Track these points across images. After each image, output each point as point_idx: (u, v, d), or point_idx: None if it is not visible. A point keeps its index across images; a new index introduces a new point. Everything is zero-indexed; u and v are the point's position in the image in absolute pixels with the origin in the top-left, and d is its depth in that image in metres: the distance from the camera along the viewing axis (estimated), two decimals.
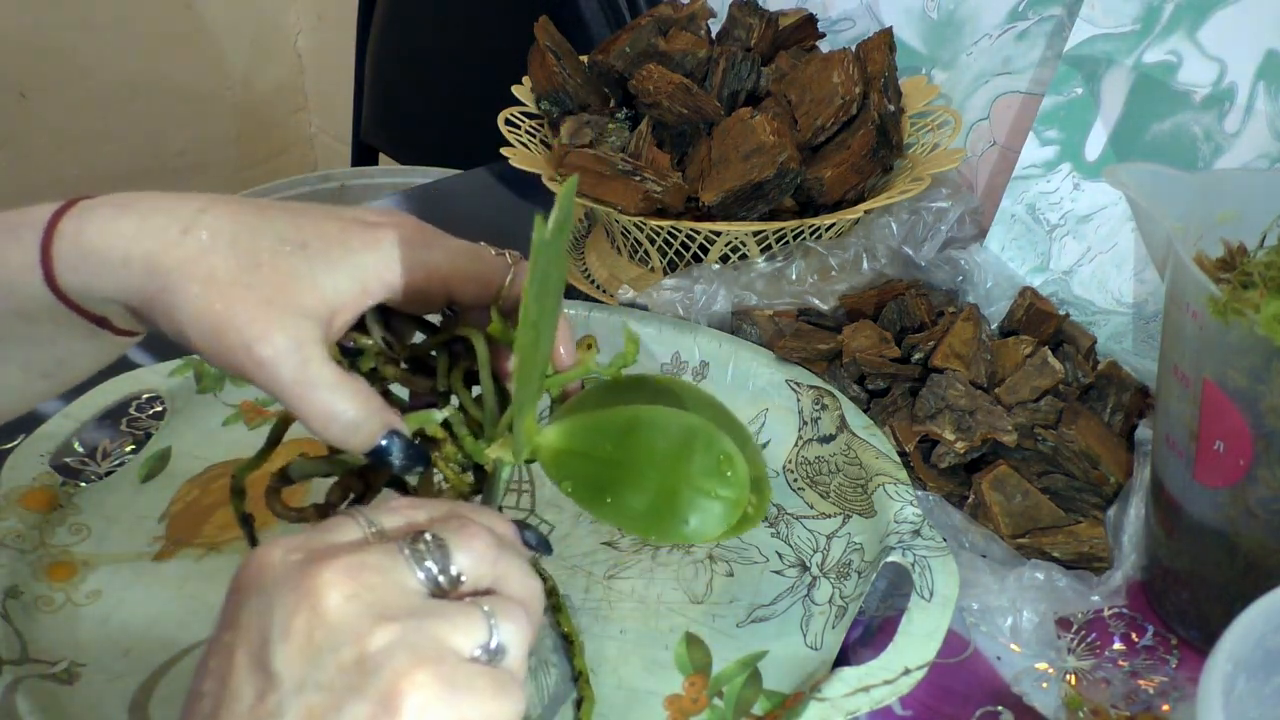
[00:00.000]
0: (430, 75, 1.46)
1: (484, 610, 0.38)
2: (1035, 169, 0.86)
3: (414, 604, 0.37)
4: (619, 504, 0.45)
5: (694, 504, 0.44)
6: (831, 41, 1.00)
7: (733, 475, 0.44)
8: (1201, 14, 0.79)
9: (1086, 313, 0.84)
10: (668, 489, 0.44)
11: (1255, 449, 0.56)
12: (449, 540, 0.39)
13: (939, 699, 0.60)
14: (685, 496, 0.44)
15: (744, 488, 0.44)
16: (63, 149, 1.81)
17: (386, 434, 0.46)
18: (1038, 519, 0.67)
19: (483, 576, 0.40)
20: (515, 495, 0.70)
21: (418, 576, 0.38)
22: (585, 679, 0.58)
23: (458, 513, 0.42)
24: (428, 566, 0.38)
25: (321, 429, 0.45)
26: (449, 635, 0.37)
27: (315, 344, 0.45)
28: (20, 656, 0.57)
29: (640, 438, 0.45)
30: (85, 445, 0.71)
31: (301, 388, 0.44)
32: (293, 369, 0.44)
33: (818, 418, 0.72)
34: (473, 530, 0.40)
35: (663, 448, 0.45)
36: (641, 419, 0.46)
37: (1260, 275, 0.55)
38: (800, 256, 0.83)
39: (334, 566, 0.37)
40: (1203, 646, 0.62)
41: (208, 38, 1.93)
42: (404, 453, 0.47)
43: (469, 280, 0.49)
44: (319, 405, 0.45)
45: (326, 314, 0.45)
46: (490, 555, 0.40)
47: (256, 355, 0.44)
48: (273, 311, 0.44)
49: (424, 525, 0.40)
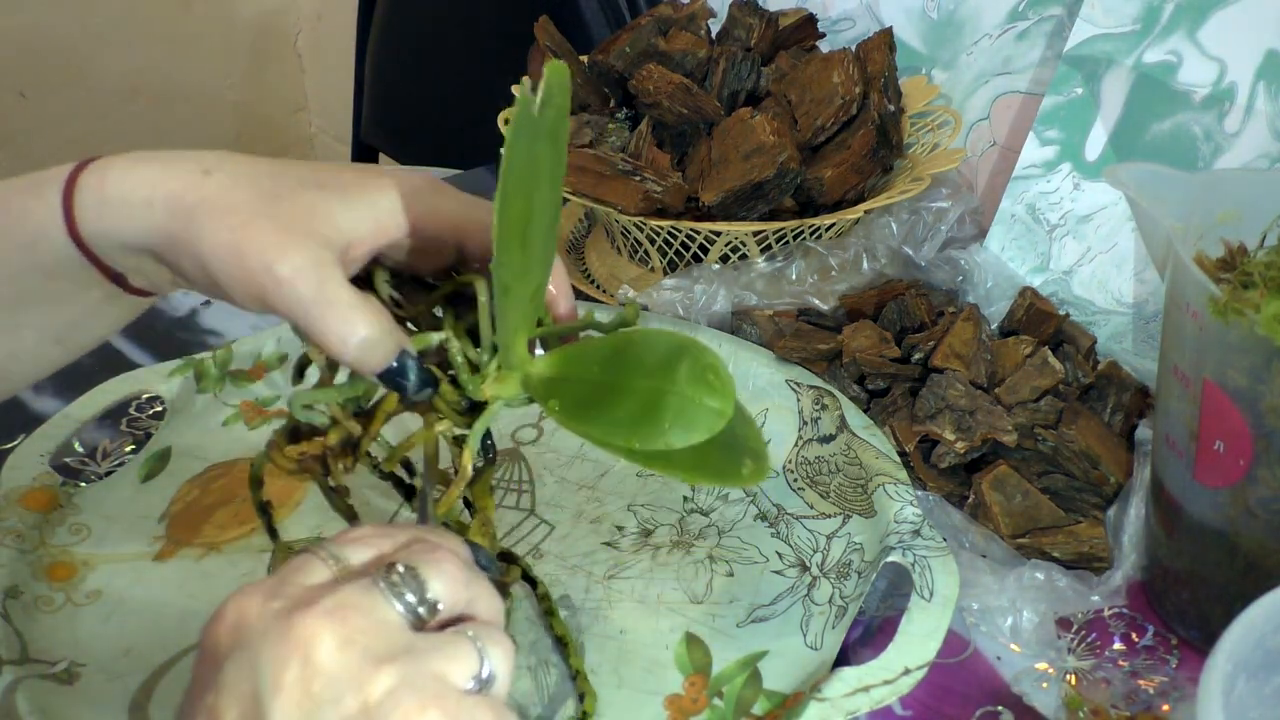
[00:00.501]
0: (430, 75, 1.46)
1: (470, 637, 0.38)
2: (1035, 169, 0.86)
3: (404, 641, 0.37)
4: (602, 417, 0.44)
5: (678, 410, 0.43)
6: (831, 41, 1.00)
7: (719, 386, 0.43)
8: (1201, 14, 0.79)
9: (1086, 313, 0.84)
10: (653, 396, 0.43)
11: (1255, 449, 0.56)
12: (421, 569, 0.39)
13: (939, 699, 0.60)
14: (670, 403, 0.43)
15: (730, 399, 0.43)
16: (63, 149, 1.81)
17: (400, 354, 0.47)
18: (1038, 519, 0.67)
19: (458, 601, 0.39)
20: (515, 495, 0.70)
21: (397, 609, 0.38)
22: (583, 677, 0.58)
23: (421, 538, 0.41)
24: (406, 598, 0.38)
25: (339, 345, 0.46)
26: (445, 669, 0.37)
27: (333, 266, 0.45)
28: (20, 656, 0.57)
29: (627, 355, 0.45)
30: (85, 445, 0.71)
31: (320, 305, 0.45)
32: (312, 286, 0.45)
33: (818, 418, 0.72)
34: (441, 555, 0.40)
35: (650, 361, 0.44)
36: (630, 339, 0.46)
37: (1260, 275, 0.55)
38: (800, 256, 0.83)
39: (318, 612, 0.36)
40: (1203, 646, 0.62)
41: (208, 38, 1.93)
42: (417, 373, 0.47)
43: (480, 228, 0.50)
44: (337, 322, 0.45)
45: (342, 244, 0.46)
46: (462, 578, 0.40)
47: (276, 274, 0.44)
48: (292, 235, 0.45)
49: (392, 556, 0.40)
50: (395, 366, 0.47)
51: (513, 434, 0.74)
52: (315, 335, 0.46)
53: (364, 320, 0.45)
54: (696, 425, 0.43)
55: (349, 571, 0.39)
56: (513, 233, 0.43)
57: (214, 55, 1.95)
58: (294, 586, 0.38)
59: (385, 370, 0.47)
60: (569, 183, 0.83)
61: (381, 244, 0.48)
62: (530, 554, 0.66)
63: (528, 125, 0.42)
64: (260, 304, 0.46)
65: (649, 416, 0.43)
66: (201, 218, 0.45)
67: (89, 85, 1.81)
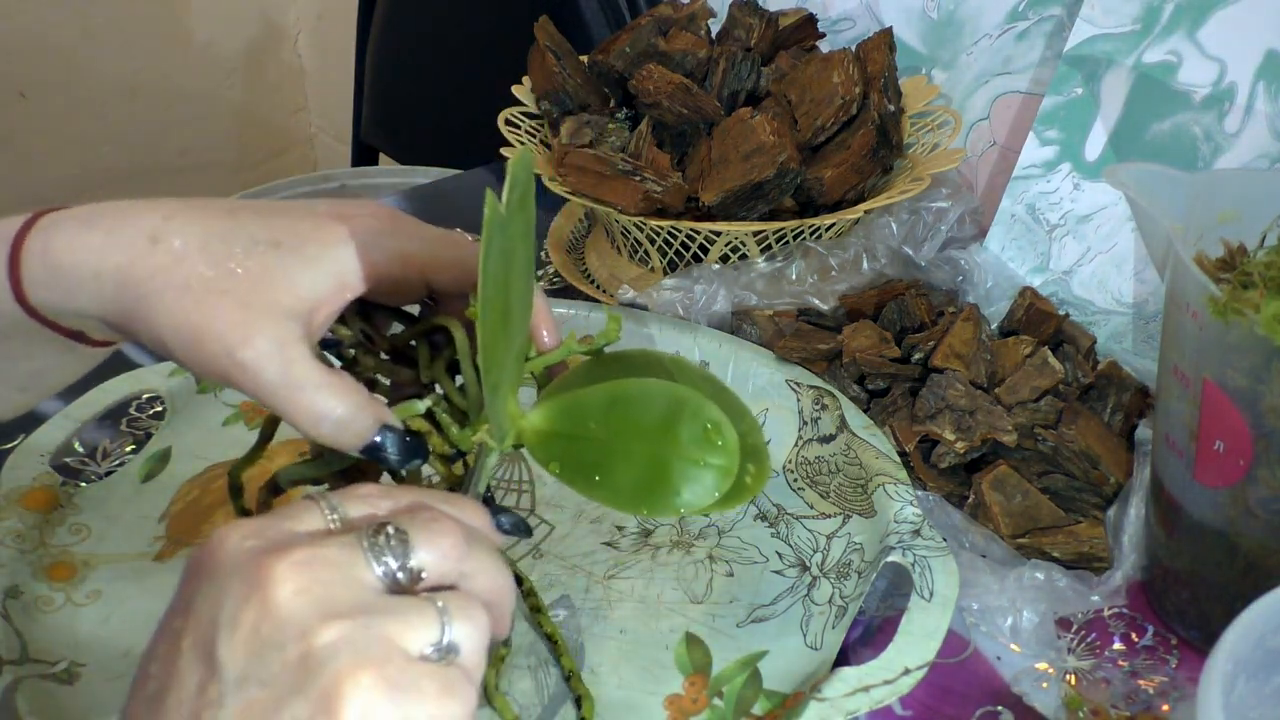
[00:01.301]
0: (430, 75, 1.46)
1: (438, 606, 0.37)
2: (1035, 169, 0.86)
3: (365, 600, 0.36)
4: (608, 482, 0.44)
5: (684, 474, 0.43)
6: (831, 41, 1.00)
7: (722, 443, 0.43)
8: (1201, 14, 0.79)
9: (1086, 313, 0.84)
10: (657, 462, 0.43)
11: (1255, 449, 0.56)
12: (411, 534, 0.38)
13: (939, 699, 0.60)
14: (675, 468, 0.43)
15: (734, 454, 0.43)
16: (63, 149, 1.81)
17: (379, 429, 0.46)
18: (1038, 519, 0.67)
19: (447, 573, 0.38)
20: (515, 495, 0.70)
21: (375, 571, 0.37)
22: (576, 677, 0.58)
23: (425, 504, 0.40)
24: (386, 561, 0.37)
25: (311, 429, 0.45)
26: (398, 633, 0.36)
27: (298, 343, 0.44)
28: (20, 656, 0.57)
29: (625, 412, 0.44)
30: (85, 445, 0.71)
31: (288, 390, 0.44)
32: (277, 371, 0.43)
33: (818, 418, 0.72)
34: (441, 526, 0.38)
35: (648, 420, 0.44)
36: (625, 393, 0.45)
37: (1260, 275, 0.55)
38: (800, 256, 0.83)
39: (288, 559, 0.35)
40: (1203, 646, 0.62)
41: (208, 38, 1.93)
42: (399, 446, 0.46)
43: (447, 266, 0.48)
44: (307, 406, 0.44)
45: (306, 312, 0.45)
46: (456, 552, 0.38)
47: (239, 360, 0.43)
48: (252, 314, 0.43)
49: (386, 517, 0.38)
50: (377, 441, 0.46)
51: None
52: (285, 418, 0.45)
53: (335, 401, 0.44)
54: (705, 488, 0.43)
55: (344, 525, 0.38)
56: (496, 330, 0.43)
57: (214, 55, 1.95)
58: (278, 530, 0.37)
59: (366, 447, 0.46)
60: (569, 183, 0.83)
61: (347, 299, 0.46)
62: (530, 554, 0.66)
63: (499, 228, 0.41)
64: (224, 384, 0.44)
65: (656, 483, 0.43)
66: (153, 296, 0.43)
67: (89, 85, 1.81)
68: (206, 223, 0.45)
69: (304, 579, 0.35)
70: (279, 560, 0.35)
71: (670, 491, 0.43)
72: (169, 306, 0.43)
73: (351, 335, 0.49)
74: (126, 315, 0.44)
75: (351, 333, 0.49)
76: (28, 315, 0.45)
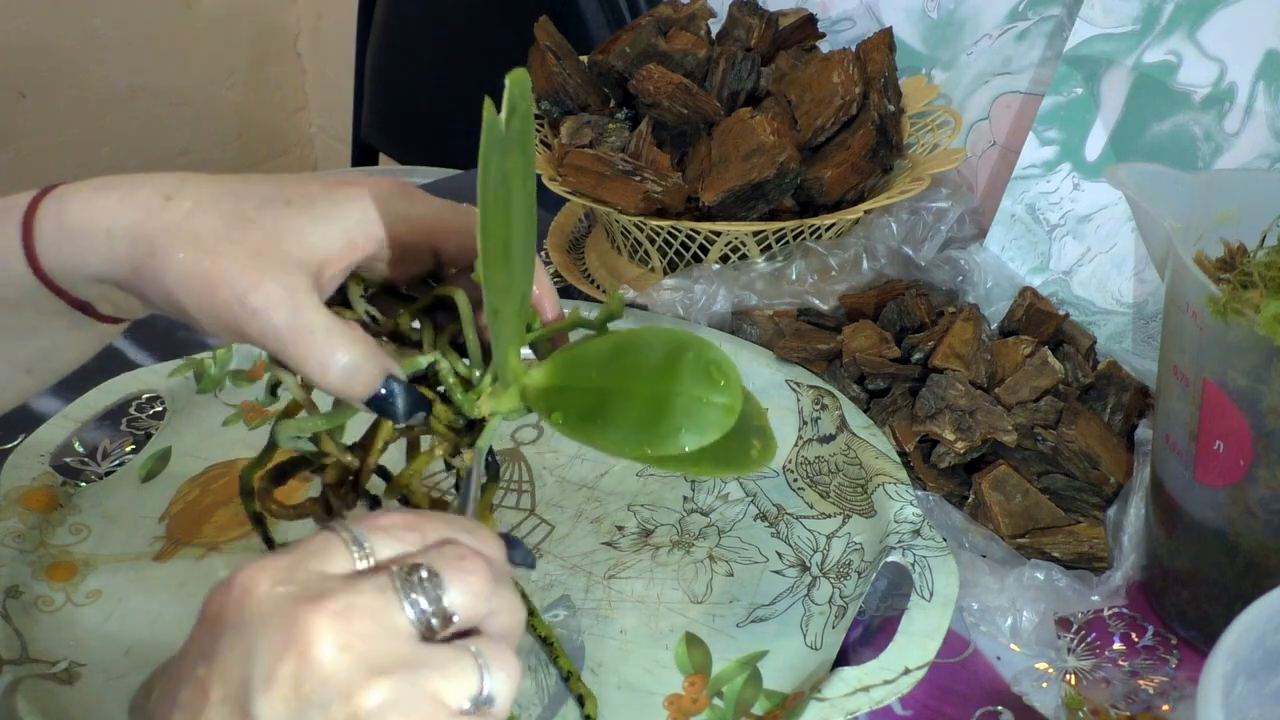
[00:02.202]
0: (430, 75, 1.46)
1: (475, 658, 0.36)
2: (1035, 169, 0.86)
3: (406, 653, 0.35)
4: (609, 424, 0.43)
5: (687, 411, 0.42)
6: (831, 41, 1.00)
7: (725, 382, 0.42)
8: (1201, 14, 0.79)
9: (1086, 313, 0.84)
10: (658, 400, 0.42)
11: (1255, 449, 0.56)
12: (444, 576, 0.37)
13: (939, 699, 0.60)
14: (677, 405, 0.42)
15: (738, 394, 0.42)
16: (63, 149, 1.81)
17: (385, 380, 0.45)
18: (1038, 519, 0.67)
19: (476, 614, 0.38)
20: (515, 495, 0.70)
21: (408, 615, 0.36)
22: (576, 677, 0.58)
23: (452, 539, 0.39)
24: (419, 604, 0.36)
25: (319, 375, 0.44)
26: (441, 689, 0.35)
27: (307, 291, 0.44)
28: (20, 656, 0.57)
29: (626, 358, 0.44)
30: (85, 445, 0.71)
31: (297, 333, 0.43)
32: (287, 315, 0.43)
33: (818, 418, 0.72)
34: (470, 565, 0.38)
35: (650, 363, 0.43)
36: (626, 340, 0.44)
37: (1260, 275, 0.55)
38: (800, 256, 0.83)
39: (325, 610, 0.34)
40: (1203, 646, 0.62)
41: (208, 38, 1.93)
42: (405, 397, 0.46)
43: (453, 232, 0.48)
44: (316, 350, 0.44)
45: (316, 265, 0.45)
46: (486, 591, 0.38)
47: (250, 305, 0.43)
48: (262, 262, 0.43)
49: (419, 557, 0.38)
50: (382, 393, 0.45)
51: (512, 434, 0.74)
52: (294, 365, 0.44)
53: (344, 347, 0.44)
54: (708, 425, 0.42)
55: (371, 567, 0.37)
56: (496, 253, 0.42)
57: (214, 55, 1.95)
58: (308, 572, 0.36)
59: (372, 397, 0.45)
60: (569, 183, 0.83)
61: (355, 259, 0.47)
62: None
63: (497, 142, 0.41)
64: (234, 335, 0.44)
65: (658, 421, 0.42)
66: (165, 247, 0.43)
67: (89, 85, 1.81)
68: (219, 184, 0.45)
69: (345, 634, 0.34)
70: (316, 612, 0.34)
71: (672, 429, 0.42)
72: (180, 257, 0.43)
73: (355, 316, 0.49)
74: (137, 272, 0.44)
75: (356, 314, 0.49)
76: (39, 281, 0.45)
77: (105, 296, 0.47)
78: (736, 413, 0.42)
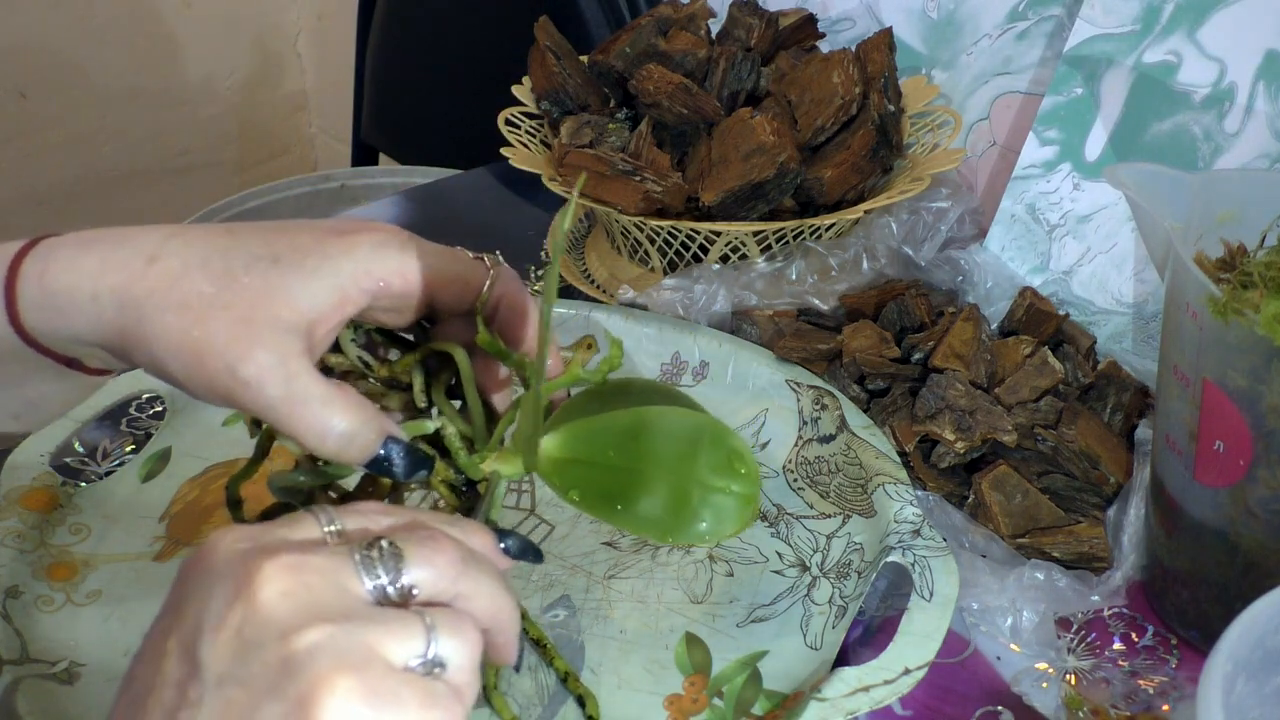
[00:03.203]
0: (430, 75, 1.46)
1: (425, 621, 0.36)
2: (1035, 169, 0.86)
3: (350, 607, 0.35)
4: (630, 510, 0.44)
5: (706, 502, 0.43)
6: (831, 41, 1.00)
7: (745, 471, 0.43)
8: (1201, 14, 0.79)
9: (1086, 313, 0.84)
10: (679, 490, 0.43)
11: (1255, 449, 0.56)
12: (406, 551, 0.37)
13: (939, 699, 0.60)
14: (697, 496, 0.43)
15: (756, 483, 0.43)
16: (63, 149, 1.81)
17: (384, 442, 0.45)
18: (1038, 519, 0.67)
19: (441, 592, 0.37)
20: (515, 495, 0.70)
21: (365, 585, 0.36)
22: (574, 678, 0.58)
23: (424, 522, 0.39)
24: (377, 574, 0.36)
25: (316, 444, 0.44)
26: (381, 642, 0.35)
27: (300, 357, 0.43)
28: (20, 656, 0.57)
29: (646, 441, 0.44)
30: (85, 445, 0.71)
31: (290, 405, 0.43)
32: (280, 386, 0.43)
33: (818, 418, 0.72)
34: (437, 544, 0.37)
35: (670, 449, 0.44)
36: (645, 421, 0.45)
37: (1260, 275, 0.55)
38: (800, 256, 0.83)
39: (276, 561, 0.35)
40: (1203, 646, 0.62)
41: (208, 38, 1.93)
42: (405, 459, 0.46)
43: (449, 282, 0.48)
44: (311, 420, 0.43)
45: (307, 326, 0.44)
46: (452, 572, 0.37)
47: (241, 376, 0.43)
48: (252, 329, 0.43)
49: (383, 531, 0.38)
50: (381, 455, 0.45)
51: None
52: (290, 434, 0.44)
53: (340, 414, 0.44)
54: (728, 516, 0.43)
55: (340, 537, 0.38)
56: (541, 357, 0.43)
57: (214, 55, 1.95)
58: (272, 536, 0.37)
59: (372, 460, 0.45)
60: (569, 183, 0.83)
61: (348, 313, 0.46)
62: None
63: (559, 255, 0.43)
64: (226, 404, 0.44)
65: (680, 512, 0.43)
66: (152, 313, 0.43)
67: (89, 86, 1.81)
68: (205, 241, 0.44)
69: (290, 581, 0.35)
70: (267, 561, 0.35)
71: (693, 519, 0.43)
72: (168, 325, 0.43)
73: (348, 362, 0.49)
74: (124, 337, 0.44)
75: (349, 359, 0.49)
76: (23, 342, 0.45)
77: (91, 354, 0.46)
78: (755, 502, 0.44)
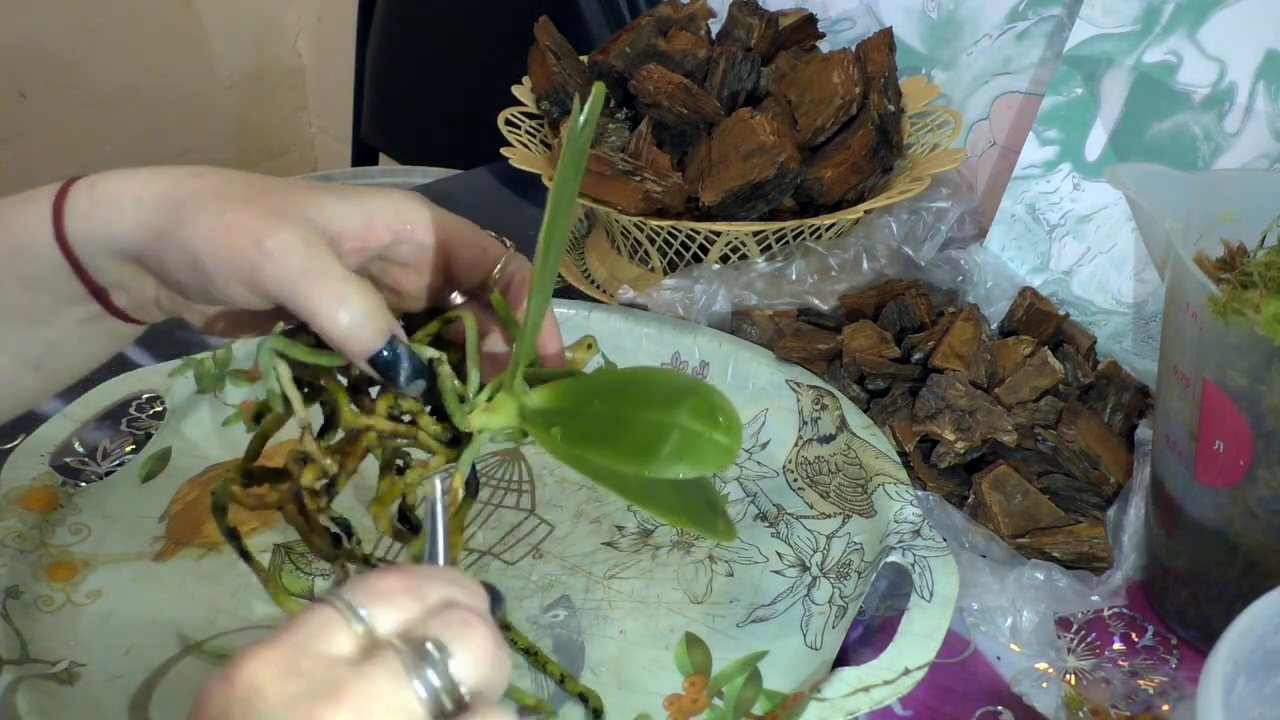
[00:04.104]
0: (430, 75, 1.46)
1: None
2: (1035, 169, 0.86)
3: None
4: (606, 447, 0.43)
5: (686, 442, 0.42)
6: (831, 41, 1.00)
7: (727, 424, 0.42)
8: (1201, 14, 0.79)
9: (1086, 313, 0.84)
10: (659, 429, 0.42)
11: (1255, 449, 0.56)
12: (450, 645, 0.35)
13: (939, 699, 0.60)
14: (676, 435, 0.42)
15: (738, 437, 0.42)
16: (63, 149, 1.81)
17: (391, 341, 0.46)
18: (1038, 519, 0.67)
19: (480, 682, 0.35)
20: (515, 495, 0.70)
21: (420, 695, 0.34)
22: (570, 679, 0.58)
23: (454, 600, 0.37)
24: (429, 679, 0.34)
25: (330, 320, 0.44)
26: None
27: (323, 245, 0.45)
28: (20, 656, 0.57)
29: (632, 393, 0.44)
30: (85, 445, 0.71)
31: (311, 275, 0.44)
32: (303, 258, 0.44)
33: (818, 418, 0.72)
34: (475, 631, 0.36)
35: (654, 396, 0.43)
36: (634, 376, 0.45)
37: (1260, 275, 0.55)
38: (800, 256, 0.83)
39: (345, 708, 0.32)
40: (1203, 646, 0.62)
41: (208, 38, 1.93)
42: (409, 360, 0.46)
43: (468, 245, 0.50)
44: (330, 294, 0.44)
45: (333, 233, 0.47)
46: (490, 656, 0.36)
47: (266, 247, 0.44)
48: (282, 216, 0.45)
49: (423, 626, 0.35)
50: (387, 354, 0.45)
51: None
52: (305, 310, 0.44)
53: (357, 294, 0.45)
54: (704, 458, 0.42)
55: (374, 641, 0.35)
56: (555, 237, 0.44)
57: (214, 55, 1.95)
58: (314, 659, 0.34)
59: (376, 355, 0.45)
60: None
61: (372, 243, 0.48)
62: (530, 554, 0.66)
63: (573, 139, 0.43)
64: (248, 283, 0.45)
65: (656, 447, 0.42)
66: (191, 208, 0.45)
67: (89, 85, 1.81)
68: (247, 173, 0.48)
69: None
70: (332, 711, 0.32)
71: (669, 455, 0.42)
72: (205, 211, 0.45)
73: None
74: (160, 234, 0.46)
75: None
76: (62, 255, 0.46)
77: (121, 282, 0.48)
78: (734, 454, 0.42)
